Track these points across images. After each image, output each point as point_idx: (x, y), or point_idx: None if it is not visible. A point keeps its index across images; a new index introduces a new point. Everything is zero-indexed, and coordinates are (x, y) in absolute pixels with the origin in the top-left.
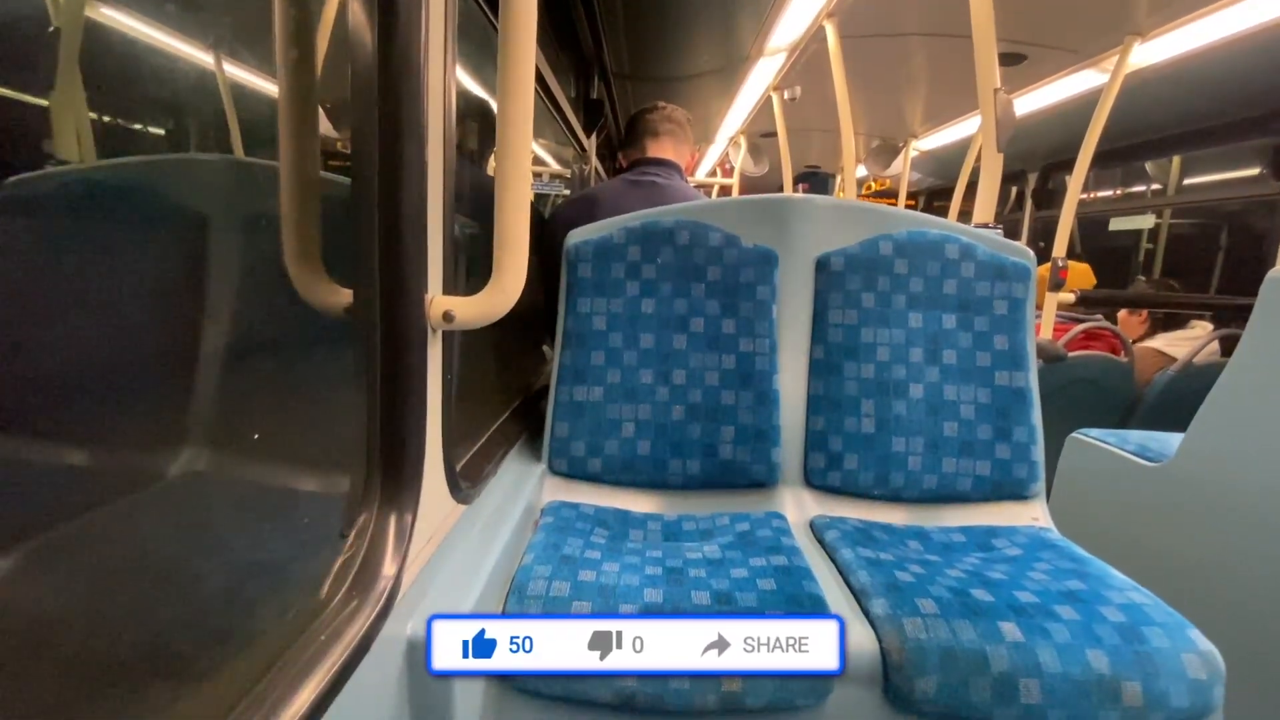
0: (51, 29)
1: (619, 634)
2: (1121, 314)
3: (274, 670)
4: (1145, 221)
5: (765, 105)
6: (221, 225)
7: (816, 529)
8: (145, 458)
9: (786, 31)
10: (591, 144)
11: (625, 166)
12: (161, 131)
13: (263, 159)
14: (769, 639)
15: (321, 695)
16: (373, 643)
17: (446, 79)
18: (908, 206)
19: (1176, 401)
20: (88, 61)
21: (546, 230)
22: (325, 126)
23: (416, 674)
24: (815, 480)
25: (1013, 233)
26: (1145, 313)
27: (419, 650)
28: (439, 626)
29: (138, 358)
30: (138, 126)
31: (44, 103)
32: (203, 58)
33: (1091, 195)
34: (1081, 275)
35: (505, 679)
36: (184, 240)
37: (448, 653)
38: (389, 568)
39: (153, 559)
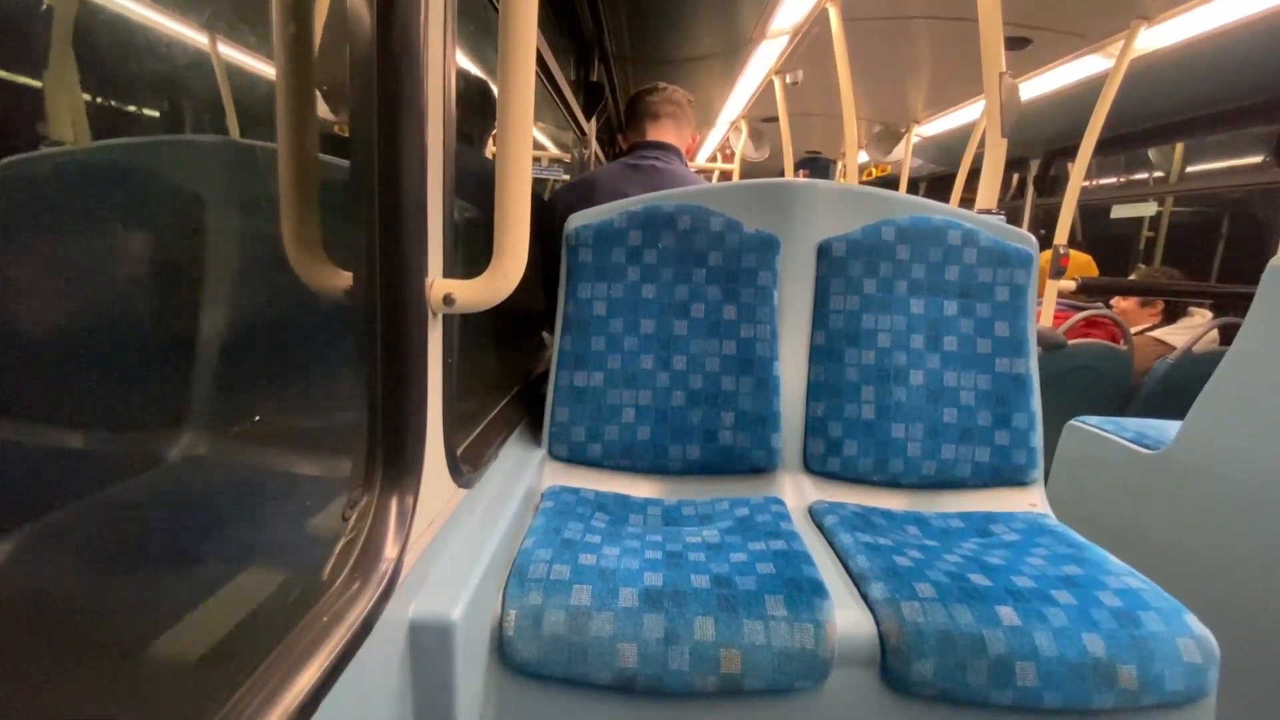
0: (45, 7)
1: (621, 619)
2: (1130, 303)
3: (276, 652)
4: (1147, 209)
5: (767, 89)
6: (219, 207)
7: (815, 514)
8: (145, 440)
9: (789, 14)
10: (591, 128)
11: (625, 149)
12: (156, 113)
13: (260, 140)
14: (768, 622)
15: (324, 677)
16: (374, 625)
17: (446, 61)
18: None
19: (1175, 389)
20: (81, 41)
21: (546, 214)
22: (323, 108)
23: (418, 656)
24: (814, 466)
25: (1014, 220)
26: (1161, 303)
27: (420, 633)
28: (440, 609)
29: (137, 340)
30: (132, 108)
31: (37, 84)
32: (198, 38)
33: (1094, 182)
34: (1083, 266)
35: (507, 660)
36: (181, 222)
37: (450, 635)
38: (390, 551)
39: (155, 541)
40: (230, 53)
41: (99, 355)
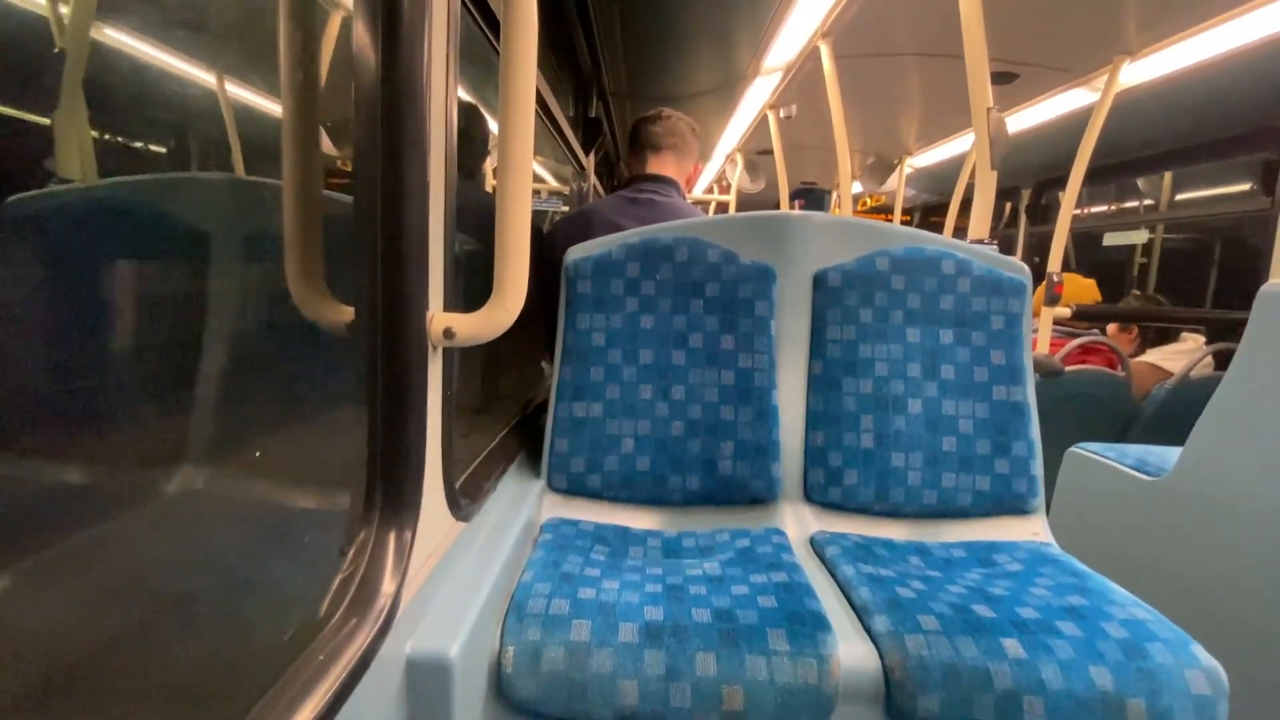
0: (56, 50)
1: (621, 655)
2: (1111, 329)
3: (272, 690)
4: (1138, 236)
5: (761, 123)
6: (223, 243)
7: (817, 545)
8: (145, 475)
9: (782, 51)
10: (590, 162)
11: (626, 179)
12: (164, 150)
13: (265, 178)
14: (771, 657)
15: (320, 716)
16: (371, 662)
17: (448, 99)
18: (902, 223)
19: (1174, 415)
20: (91, 82)
21: (545, 246)
22: (327, 145)
23: (416, 694)
24: (815, 496)
25: (1008, 248)
26: (1134, 329)
27: (418, 670)
28: (438, 645)
29: (139, 376)
30: (139, 145)
31: (46, 121)
32: (206, 78)
33: (1085, 210)
34: (1086, 291)
35: (505, 698)
36: (185, 258)
37: (447, 672)
38: (388, 586)
39: (151, 577)
40: (237, 91)
41: (100, 389)
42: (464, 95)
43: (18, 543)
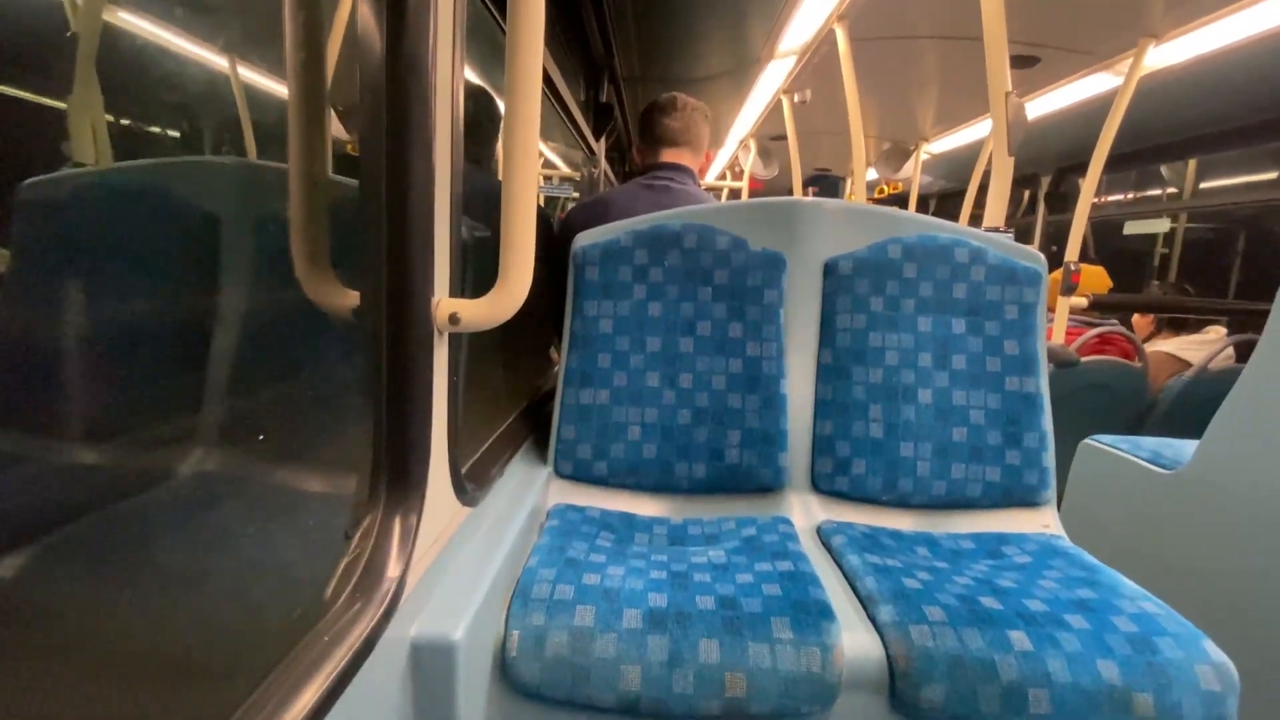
0: (69, 33)
1: (624, 640)
2: (1135, 316)
3: (276, 671)
4: (1160, 225)
5: (775, 108)
6: (232, 227)
7: (823, 534)
8: (154, 457)
9: (797, 34)
10: (601, 147)
11: (640, 167)
12: (176, 134)
13: (274, 161)
14: (774, 645)
15: (324, 697)
16: (376, 644)
17: (454, 82)
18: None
19: (1191, 408)
20: (105, 65)
21: (560, 233)
22: (336, 129)
23: (420, 676)
24: (822, 485)
25: (1025, 237)
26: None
27: (422, 653)
28: (443, 629)
29: (149, 358)
30: (154, 129)
31: (61, 105)
32: (216, 61)
33: (1104, 199)
34: (1096, 278)
35: (510, 681)
36: (194, 241)
37: (452, 656)
38: (393, 569)
39: (158, 558)
40: (248, 75)
41: (113, 372)
42: (472, 78)
43: (33, 520)
